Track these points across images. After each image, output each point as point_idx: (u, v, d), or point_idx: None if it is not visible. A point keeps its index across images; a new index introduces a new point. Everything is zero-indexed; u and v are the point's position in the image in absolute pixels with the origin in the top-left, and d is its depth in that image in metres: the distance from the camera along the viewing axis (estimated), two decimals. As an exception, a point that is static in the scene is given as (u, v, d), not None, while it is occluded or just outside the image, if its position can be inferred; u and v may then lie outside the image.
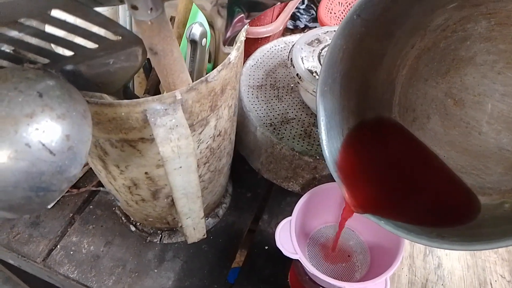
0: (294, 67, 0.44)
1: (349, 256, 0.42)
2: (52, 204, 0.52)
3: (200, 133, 0.35)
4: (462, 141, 0.33)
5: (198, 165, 0.37)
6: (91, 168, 0.56)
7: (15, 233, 0.50)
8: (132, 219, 0.51)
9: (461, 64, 0.30)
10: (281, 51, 0.56)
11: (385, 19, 0.29)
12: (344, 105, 0.34)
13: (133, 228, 0.51)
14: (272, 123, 0.46)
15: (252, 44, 0.60)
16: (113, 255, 0.49)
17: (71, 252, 0.49)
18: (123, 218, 0.52)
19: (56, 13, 0.19)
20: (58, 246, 0.49)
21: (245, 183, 0.57)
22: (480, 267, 0.47)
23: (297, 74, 0.43)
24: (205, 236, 0.39)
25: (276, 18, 0.59)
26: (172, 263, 0.49)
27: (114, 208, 0.53)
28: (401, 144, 0.36)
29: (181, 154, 0.28)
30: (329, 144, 0.33)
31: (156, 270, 0.48)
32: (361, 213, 0.33)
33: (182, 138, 0.28)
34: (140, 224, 0.51)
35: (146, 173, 0.36)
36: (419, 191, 0.34)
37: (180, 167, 0.29)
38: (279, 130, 0.46)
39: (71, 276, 0.47)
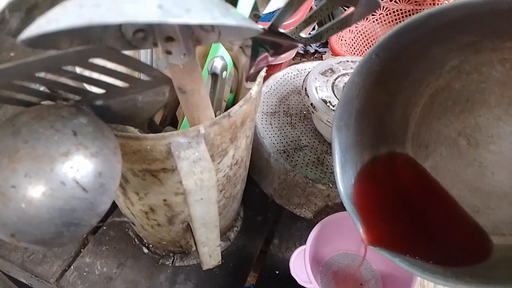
0: (308, 96, 0.45)
1: (361, 284, 0.43)
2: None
3: (219, 163, 0.35)
4: (475, 180, 0.34)
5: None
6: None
7: (29, 253, 0.50)
8: (145, 241, 0.52)
9: (476, 105, 0.31)
10: (293, 78, 0.57)
11: (402, 59, 0.30)
12: (358, 140, 0.35)
13: (145, 250, 0.51)
14: (286, 150, 0.47)
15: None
16: (125, 277, 0.49)
17: (84, 274, 0.49)
18: (136, 240, 0.52)
19: (96, 60, 0.20)
20: (72, 267, 0.50)
21: (255, 206, 0.58)
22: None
23: (311, 104, 0.44)
24: (220, 263, 0.39)
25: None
26: (184, 286, 0.49)
27: (127, 230, 0.53)
28: (414, 180, 0.36)
29: (203, 187, 0.29)
30: (343, 178, 0.34)
31: (168, 294, 0.48)
32: (375, 248, 0.33)
33: (205, 172, 0.29)
34: (152, 246, 0.51)
35: (164, 200, 0.37)
36: (431, 228, 0.34)
37: (202, 198, 0.30)
38: (292, 157, 0.46)
39: (84, 298, 0.47)
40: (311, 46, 0.79)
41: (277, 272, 0.51)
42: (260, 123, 0.50)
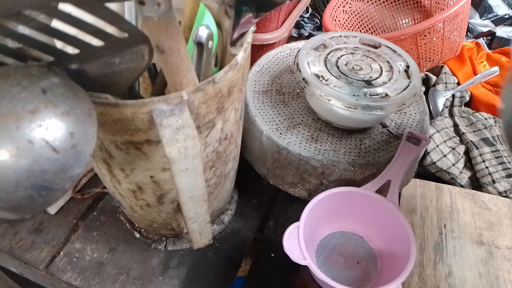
0: (300, 71, 0.44)
1: (358, 263, 0.41)
2: (55, 211, 0.52)
3: (207, 136, 0.34)
4: None
5: (204, 169, 0.37)
6: (96, 174, 0.56)
7: (18, 240, 0.49)
8: (136, 225, 0.50)
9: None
10: (286, 57, 0.56)
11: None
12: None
13: (137, 235, 0.50)
14: (278, 128, 0.46)
15: (257, 51, 0.60)
16: (116, 262, 0.48)
17: (74, 259, 0.48)
18: (127, 225, 0.51)
19: (63, 6, 0.19)
20: (61, 253, 0.48)
21: (250, 190, 0.56)
22: (493, 275, 0.45)
23: (303, 79, 0.43)
24: (211, 241, 0.38)
25: (281, 25, 0.59)
26: (177, 270, 0.48)
27: (118, 215, 0.52)
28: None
29: (187, 155, 0.28)
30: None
31: (160, 278, 0.47)
32: None
33: (188, 139, 0.27)
34: (144, 230, 0.50)
35: (151, 176, 0.36)
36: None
37: (187, 168, 0.29)
38: (285, 135, 0.45)
39: (74, 283, 0.46)
40: (305, 29, 0.77)
41: (272, 255, 0.50)
42: (252, 102, 0.48)
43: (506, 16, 0.69)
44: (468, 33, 0.71)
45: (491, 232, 0.49)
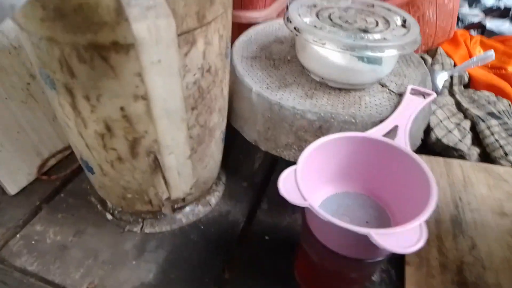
0: (291, 22, 0.40)
1: (367, 222, 0.35)
2: (16, 191, 0.45)
3: (186, 55, 0.30)
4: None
5: (185, 109, 0.32)
6: (65, 156, 0.50)
7: None
8: (108, 205, 0.44)
9: None
10: (275, 30, 0.53)
11: None
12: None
13: (109, 217, 0.43)
14: (269, 87, 0.41)
15: (243, 30, 0.57)
16: (83, 245, 0.41)
17: (33, 242, 0.41)
18: (98, 206, 0.44)
19: None
20: (18, 235, 0.41)
21: (240, 173, 0.51)
22: (523, 244, 0.39)
23: (295, 28, 0.40)
24: (192, 190, 0.32)
25: (270, 5, 0.57)
26: (155, 254, 0.40)
27: (88, 196, 0.46)
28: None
29: (159, 39, 0.23)
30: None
31: (134, 262, 0.40)
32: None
33: (161, 17, 0.23)
34: (118, 212, 0.44)
35: (122, 109, 0.30)
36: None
37: (159, 61, 0.24)
38: (277, 93, 0.41)
39: (29, 268, 0.38)
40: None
41: (266, 237, 0.43)
42: (240, 64, 0.45)
43: (494, 7, 0.69)
44: (459, 22, 0.70)
45: (512, 203, 0.43)
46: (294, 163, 0.31)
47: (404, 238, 0.26)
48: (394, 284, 0.39)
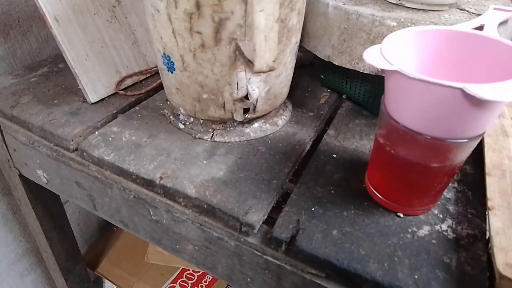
0: None
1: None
2: (95, 99, 0.48)
3: None
4: None
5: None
6: (141, 80, 0.53)
7: (52, 118, 0.45)
8: (181, 117, 0.45)
9: None
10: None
11: None
12: None
13: (181, 126, 0.45)
14: (345, 3, 0.42)
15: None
16: (156, 146, 0.42)
17: (110, 139, 0.42)
18: (171, 117, 0.46)
19: None
20: (96, 132, 0.43)
21: (306, 107, 0.51)
22: None
23: None
24: (275, 64, 0.32)
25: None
26: (224, 158, 0.41)
27: (161, 110, 0.47)
28: None
29: None
30: None
31: (205, 161, 0.40)
32: None
33: None
34: (189, 123, 0.45)
35: (215, -19, 0.32)
36: None
37: None
38: (353, 1, 0.41)
39: (106, 158, 0.40)
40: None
41: (334, 155, 0.42)
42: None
43: None
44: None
45: None
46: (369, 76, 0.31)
47: (502, 89, 0.25)
48: (471, 204, 0.37)
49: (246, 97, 0.40)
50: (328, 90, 0.54)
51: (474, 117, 0.27)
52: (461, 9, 0.43)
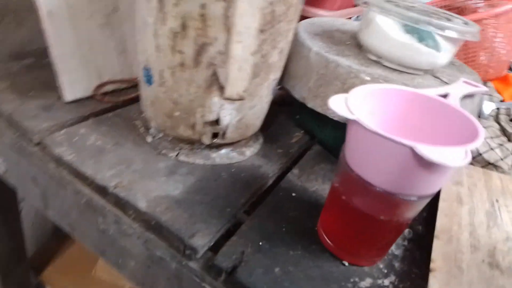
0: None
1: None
2: (70, 99, 0.48)
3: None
4: None
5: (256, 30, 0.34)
6: (121, 89, 0.53)
7: (23, 108, 0.44)
8: (151, 131, 0.45)
9: None
10: (340, 24, 0.56)
11: None
12: None
13: (149, 139, 0.45)
14: (327, 52, 0.44)
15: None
16: (119, 154, 0.42)
17: (75, 139, 0.42)
18: (141, 129, 0.46)
19: None
20: (63, 131, 0.43)
21: (278, 142, 0.51)
22: None
23: (365, 2, 0.43)
24: (244, 95, 0.33)
25: (338, 9, 0.62)
26: (184, 177, 0.41)
27: (134, 121, 0.47)
28: None
29: None
30: None
31: (164, 178, 0.40)
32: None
33: None
34: (158, 138, 0.45)
35: (202, 6, 0.33)
36: None
37: None
38: (336, 51, 0.43)
39: (66, 158, 0.39)
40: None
41: (293, 194, 0.43)
42: (302, 32, 0.48)
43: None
44: None
45: (552, 215, 0.42)
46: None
47: (450, 154, 0.26)
48: (417, 264, 0.37)
49: (217, 122, 0.40)
50: (302, 132, 0.55)
51: (423, 176, 0.28)
52: (435, 76, 0.45)
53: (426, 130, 0.35)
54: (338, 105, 0.30)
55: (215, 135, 0.42)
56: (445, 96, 0.38)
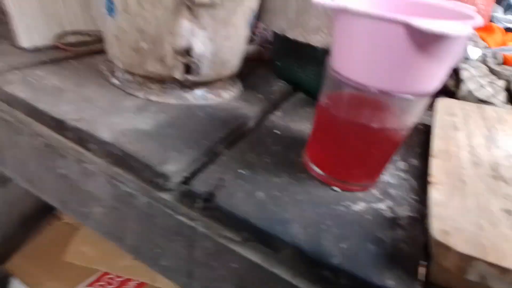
0: None
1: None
2: (28, 45, 0.43)
3: None
4: None
5: None
6: (86, 41, 0.49)
7: None
8: (117, 74, 0.41)
9: None
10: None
11: None
12: None
13: (116, 81, 0.41)
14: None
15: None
16: (82, 93, 0.38)
17: (30, 79, 0.38)
18: (106, 73, 0.42)
19: None
20: (17, 71, 0.38)
21: (257, 90, 0.48)
22: None
23: None
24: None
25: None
26: (156, 115, 0.37)
27: (99, 67, 0.43)
28: None
29: None
30: None
31: (132, 114, 0.36)
32: None
33: None
34: (126, 80, 0.41)
35: None
36: None
37: None
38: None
39: (19, 95, 0.35)
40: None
41: (277, 131, 0.39)
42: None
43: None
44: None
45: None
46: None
47: (449, 25, 0.23)
48: (415, 191, 0.34)
49: (189, 53, 0.37)
50: (283, 82, 0.51)
51: (421, 63, 0.25)
52: None
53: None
54: (321, -2, 0.27)
55: (188, 70, 0.39)
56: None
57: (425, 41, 0.24)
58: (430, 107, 0.43)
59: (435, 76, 0.27)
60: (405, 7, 0.32)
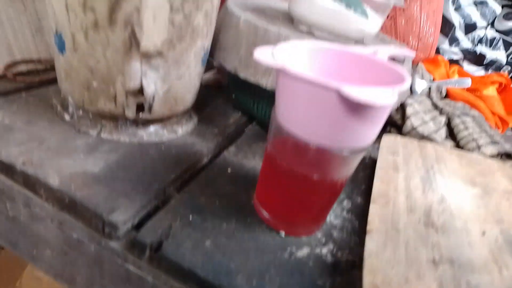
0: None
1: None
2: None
3: None
4: None
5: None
6: (38, 71, 0.48)
7: None
8: (69, 109, 0.41)
9: None
10: (274, 3, 0.56)
11: None
12: None
13: (67, 117, 0.40)
14: (258, 18, 0.42)
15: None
16: (31, 132, 0.37)
17: (-24, 117, 0.37)
18: (58, 107, 0.41)
19: None
20: (-39, 108, 0.38)
21: (213, 124, 0.49)
22: (493, 206, 0.38)
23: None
24: (163, 50, 0.30)
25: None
26: (106, 155, 0.37)
27: (50, 100, 0.43)
28: None
29: None
30: None
31: (82, 156, 0.36)
32: None
33: None
34: (78, 117, 0.40)
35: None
36: None
37: None
38: (266, 21, 0.41)
39: (-37, 135, 0.34)
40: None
41: (229, 170, 0.40)
42: (231, 3, 0.46)
43: (470, 50, 0.75)
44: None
45: (484, 178, 0.43)
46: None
47: (377, 93, 0.25)
48: (357, 233, 0.36)
49: (141, 92, 0.37)
50: (239, 113, 0.53)
51: (353, 125, 0.27)
52: (365, 45, 0.45)
53: (355, 82, 0.34)
54: (264, 56, 0.29)
55: (140, 108, 0.39)
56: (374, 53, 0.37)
57: (356, 106, 0.26)
58: (378, 139, 0.46)
59: (370, 134, 0.29)
60: (347, 64, 0.34)
